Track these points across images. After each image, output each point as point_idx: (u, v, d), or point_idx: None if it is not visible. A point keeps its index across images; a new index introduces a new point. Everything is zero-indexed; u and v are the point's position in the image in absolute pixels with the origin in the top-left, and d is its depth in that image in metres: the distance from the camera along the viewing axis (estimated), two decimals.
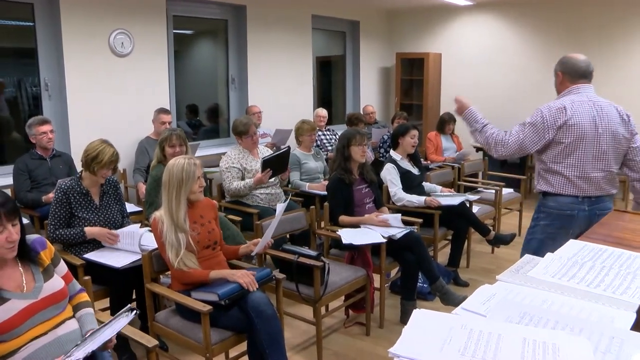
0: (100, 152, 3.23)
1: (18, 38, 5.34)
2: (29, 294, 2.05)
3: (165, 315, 2.85)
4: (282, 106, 6.97)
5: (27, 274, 2.10)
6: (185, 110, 6.70)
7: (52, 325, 2.09)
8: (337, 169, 3.87)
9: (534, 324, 1.38)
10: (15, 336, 1.98)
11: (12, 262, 2.08)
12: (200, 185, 2.82)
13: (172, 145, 3.81)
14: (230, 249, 3.06)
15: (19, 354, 1.98)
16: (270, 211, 4.23)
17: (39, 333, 2.03)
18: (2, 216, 1.95)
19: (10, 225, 1.98)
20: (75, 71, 5.02)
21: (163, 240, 2.72)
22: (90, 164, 3.24)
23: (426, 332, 1.33)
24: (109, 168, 3.28)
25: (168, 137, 3.82)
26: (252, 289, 2.63)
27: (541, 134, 2.82)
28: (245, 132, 4.42)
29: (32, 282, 2.09)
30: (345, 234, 3.59)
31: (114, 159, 3.28)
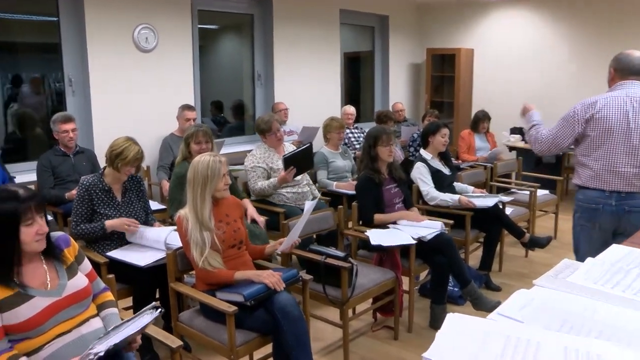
0: (125, 149, 3.27)
1: (42, 33, 5.45)
2: (53, 291, 2.08)
3: (189, 316, 2.88)
4: (309, 103, 6.97)
5: (51, 271, 2.13)
6: (210, 106, 6.75)
7: (76, 323, 2.12)
8: (365, 169, 3.85)
9: (575, 332, 1.34)
10: (39, 333, 2.01)
11: (36, 259, 2.11)
12: (225, 183, 2.83)
13: (198, 142, 3.83)
14: (256, 249, 3.07)
15: (43, 351, 2.01)
16: (297, 210, 4.24)
17: (63, 331, 2.07)
18: (32, 209, 2.00)
19: (39, 217, 2.04)
20: (99, 67, 5.09)
21: (188, 238, 2.74)
22: (115, 160, 3.28)
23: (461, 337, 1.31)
24: (133, 166, 3.32)
25: (194, 134, 3.84)
26: (278, 289, 2.63)
27: (571, 128, 2.97)
28: (268, 130, 4.43)
29: (56, 280, 2.12)
30: (374, 234, 3.57)
31: (139, 157, 3.31)
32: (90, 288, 2.23)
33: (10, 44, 5.37)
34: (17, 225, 1.98)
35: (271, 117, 4.48)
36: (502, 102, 7.90)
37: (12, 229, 1.98)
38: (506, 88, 7.97)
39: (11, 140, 5.41)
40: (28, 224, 2.00)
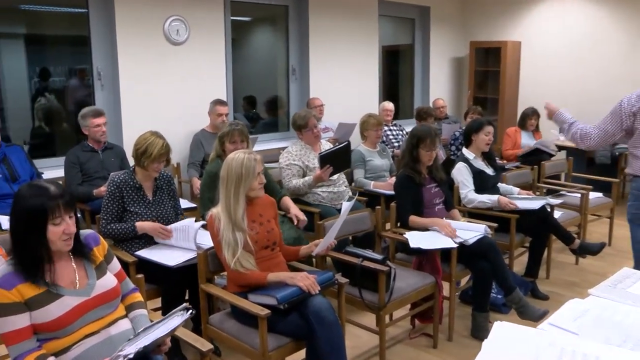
0: (149, 146, 3.31)
1: (70, 25, 5.56)
2: (82, 290, 2.12)
3: (220, 318, 2.90)
4: (346, 99, 6.96)
5: (80, 270, 2.17)
6: (243, 102, 6.80)
7: (104, 324, 2.15)
8: (405, 167, 3.82)
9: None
10: (67, 333, 2.05)
11: (65, 258, 2.15)
12: (260, 182, 2.85)
13: (234, 142, 3.83)
14: (290, 250, 3.08)
15: (72, 352, 2.05)
16: (333, 211, 4.24)
17: (91, 331, 2.11)
18: (60, 208, 2.03)
19: (68, 217, 2.06)
20: (128, 60, 5.18)
21: (219, 239, 2.76)
22: (140, 158, 3.33)
23: (509, 347, 1.28)
24: (160, 161, 3.35)
25: (229, 133, 3.84)
26: (313, 293, 2.63)
27: (619, 122, 3.19)
28: (304, 126, 4.44)
29: (85, 279, 2.16)
30: (413, 237, 3.54)
31: (164, 151, 3.34)
32: (119, 288, 2.26)
33: (39, 36, 5.51)
34: (45, 223, 2.01)
35: (308, 113, 4.50)
36: (552, 99, 7.70)
37: (40, 226, 2.01)
38: (557, 84, 7.81)
39: (38, 135, 5.55)
40: (56, 223, 2.03)
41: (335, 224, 2.98)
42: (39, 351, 2.01)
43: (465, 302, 4.13)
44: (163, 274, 3.12)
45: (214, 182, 2.99)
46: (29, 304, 2.00)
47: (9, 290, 1.98)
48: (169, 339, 2.20)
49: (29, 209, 2.02)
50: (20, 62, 5.35)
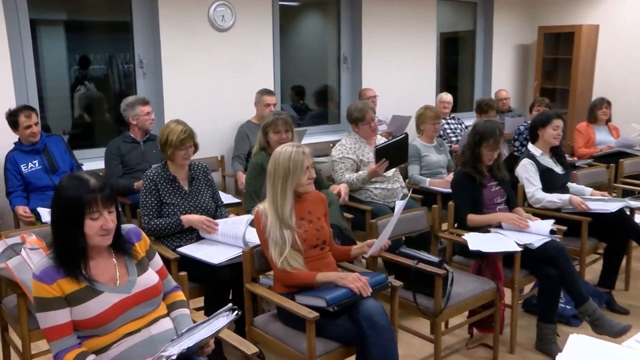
0: (169, 134, 3.39)
1: (112, 11, 5.69)
2: (122, 287, 2.17)
3: (265, 320, 2.93)
4: (400, 90, 6.92)
5: (121, 266, 2.22)
6: (291, 92, 6.85)
7: (146, 322, 2.20)
8: (465, 165, 3.78)
9: None
10: (107, 331, 2.11)
11: (106, 253, 2.21)
12: (309, 177, 2.86)
13: (277, 132, 3.88)
14: (340, 250, 3.08)
15: (112, 351, 2.11)
16: (385, 209, 4.23)
17: (132, 330, 2.15)
18: (98, 202, 2.07)
19: (107, 212, 2.10)
20: (171, 47, 5.28)
21: (266, 236, 2.79)
22: (165, 149, 3.41)
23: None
24: (183, 148, 3.40)
25: (273, 122, 3.89)
26: (364, 295, 2.63)
27: None
28: (361, 119, 4.44)
29: (126, 276, 2.21)
30: (473, 238, 3.50)
31: (184, 136, 3.39)
32: (161, 286, 2.31)
33: (79, 22, 5.66)
34: (82, 216, 2.06)
35: (366, 105, 4.50)
36: (635, 90, 7.51)
37: (77, 220, 2.07)
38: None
39: (78, 125, 5.71)
40: (93, 217, 2.07)
41: (389, 223, 2.97)
42: (80, 348, 2.07)
43: (529, 311, 4.05)
44: (206, 272, 3.18)
45: (259, 174, 3.03)
46: (69, 299, 2.06)
47: (50, 284, 2.04)
48: (212, 341, 2.23)
49: (67, 202, 2.07)
50: (60, 50, 5.51)
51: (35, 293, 2.06)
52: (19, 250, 2.80)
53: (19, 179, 4.21)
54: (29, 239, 2.84)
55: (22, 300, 2.76)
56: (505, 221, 3.66)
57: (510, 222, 3.64)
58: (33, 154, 4.29)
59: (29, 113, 4.20)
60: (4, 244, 2.87)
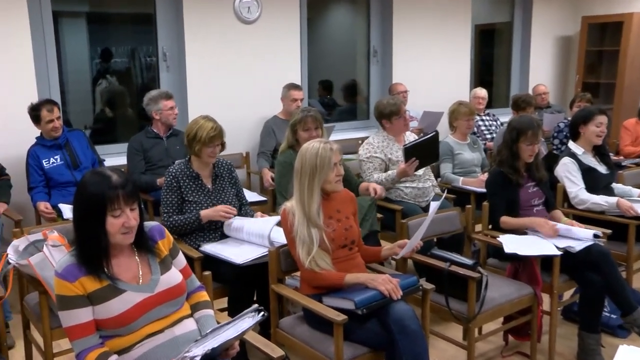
0: (198, 129, 3.42)
1: (134, 2, 5.76)
2: (145, 286, 2.20)
3: (291, 322, 2.94)
4: (432, 85, 6.89)
5: (144, 264, 2.25)
6: (318, 86, 6.87)
7: (169, 323, 2.22)
8: (502, 164, 3.75)
9: None
10: (130, 331, 2.14)
11: (128, 251, 2.24)
12: (337, 174, 2.87)
13: (307, 129, 3.89)
14: (370, 251, 3.08)
15: (134, 351, 2.14)
16: (416, 209, 4.22)
17: (155, 330, 2.18)
18: (120, 199, 2.10)
19: (129, 209, 2.13)
20: (196, 40, 5.32)
21: (293, 235, 2.80)
22: (192, 145, 3.44)
23: None
24: (212, 146, 3.43)
25: (302, 120, 3.90)
26: (395, 298, 2.63)
27: None
28: (396, 112, 4.40)
29: (149, 274, 2.24)
30: (509, 241, 3.47)
31: (214, 134, 3.41)
32: (185, 285, 2.33)
33: (101, 14, 5.73)
34: (104, 213, 2.09)
35: (398, 100, 4.48)
36: None
37: (99, 217, 2.09)
38: None
39: (100, 119, 5.79)
40: (115, 215, 2.10)
41: (423, 224, 2.95)
42: (102, 348, 2.10)
43: (570, 319, 4.00)
44: (230, 272, 3.20)
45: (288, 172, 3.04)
46: (91, 298, 2.09)
47: (72, 282, 2.07)
48: (237, 343, 2.25)
49: (89, 198, 2.11)
50: (82, 42, 5.60)
51: (58, 291, 2.10)
52: (41, 247, 2.85)
53: (41, 174, 4.30)
54: (51, 236, 2.89)
55: (43, 297, 2.81)
56: (536, 228, 3.57)
57: (540, 229, 3.54)
58: (55, 149, 4.37)
59: (51, 107, 4.28)
60: (26, 240, 2.93)
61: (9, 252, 2.90)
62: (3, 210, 4.09)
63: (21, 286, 3.20)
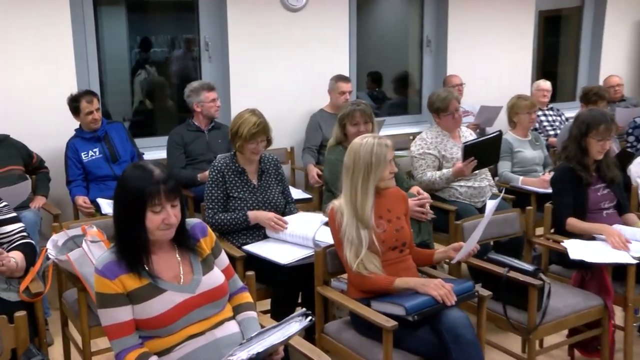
0: (241, 125, 3.46)
1: None
2: (186, 286, 2.23)
3: (337, 327, 2.96)
4: (491, 77, 6.82)
5: (185, 263, 2.29)
6: (367, 78, 6.86)
7: (210, 325, 2.26)
8: (569, 160, 3.70)
9: None
10: (170, 332, 2.18)
11: (169, 249, 2.28)
12: (391, 171, 2.87)
13: (355, 124, 3.90)
14: (422, 253, 3.08)
15: (175, 353, 2.18)
16: (472, 209, 4.19)
17: (196, 332, 2.22)
18: (161, 194, 2.13)
19: (169, 205, 2.16)
20: (240, 28, 5.38)
21: (341, 235, 2.81)
22: (234, 141, 3.50)
23: None
24: (254, 142, 3.46)
25: (350, 114, 3.92)
26: (448, 304, 2.62)
27: None
28: (443, 109, 4.40)
29: (190, 274, 2.27)
30: (574, 246, 3.42)
31: (256, 130, 3.44)
32: (227, 286, 2.37)
33: (141, 2, 5.84)
34: (144, 209, 2.13)
35: (450, 94, 4.45)
36: None
37: (139, 212, 2.13)
38: None
39: (139, 112, 5.90)
40: (155, 210, 2.14)
41: (479, 226, 2.94)
42: (142, 349, 2.15)
43: None
44: (274, 273, 3.24)
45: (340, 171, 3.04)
46: (131, 296, 2.14)
47: (112, 280, 2.12)
48: (282, 348, 2.26)
49: (129, 193, 2.15)
50: (121, 31, 5.71)
51: (97, 288, 2.15)
52: (80, 243, 2.94)
53: (79, 167, 4.42)
54: (90, 231, 2.98)
55: (82, 295, 2.89)
56: (605, 236, 3.47)
57: (608, 238, 3.44)
58: (94, 142, 4.48)
59: (90, 98, 4.39)
60: (65, 235, 3.02)
61: (48, 247, 2.99)
62: (42, 204, 4.22)
63: (60, 282, 3.31)
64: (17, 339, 2.39)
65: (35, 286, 2.82)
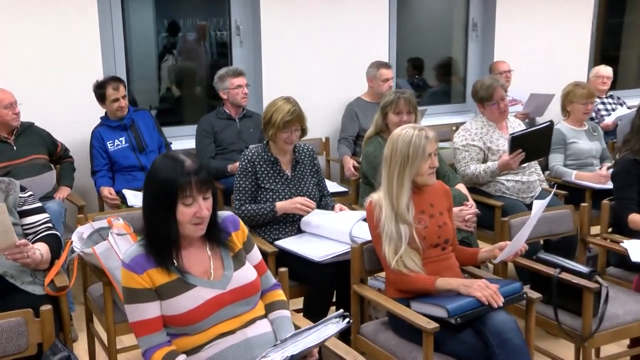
0: (274, 112, 3.48)
1: None
2: (217, 282, 2.26)
3: (374, 328, 2.97)
4: (542, 62, 6.74)
5: (216, 258, 2.31)
6: (407, 65, 6.83)
7: (241, 323, 2.28)
8: (634, 151, 3.66)
9: None
10: (199, 330, 2.21)
11: (199, 243, 2.31)
12: (431, 166, 2.86)
13: (399, 113, 3.89)
14: (465, 252, 3.08)
15: (204, 352, 2.20)
16: (519, 205, 4.17)
17: (226, 330, 2.24)
18: (192, 186, 2.15)
19: (201, 198, 2.19)
20: (273, 11, 5.39)
21: (379, 230, 2.82)
22: (267, 129, 3.52)
23: None
24: (287, 131, 3.48)
25: (394, 102, 3.89)
26: (494, 306, 2.60)
27: None
28: (488, 98, 4.37)
29: (221, 269, 2.30)
30: (636, 247, 3.37)
31: (290, 118, 3.45)
32: (259, 283, 2.39)
33: None
34: (175, 201, 2.15)
35: (495, 82, 4.42)
36: None
37: (170, 205, 2.16)
38: None
39: (166, 99, 5.95)
40: (186, 203, 2.16)
41: (527, 223, 2.92)
42: (169, 347, 2.18)
43: None
44: (308, 269, 3.26)
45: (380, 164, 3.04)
46: (159, 292, 2.17)
47: (140, 274, 2.16)
48: (316, 350, 2.28)
49: (159, 184, 2.17)
50: (148, 15, 5.73)
51: (124, 283, 2.19)
52: (106, 235, 2.99)
53: (105, 157, 4.49)
54: (116, 224, 3.03)
55: (107, 289, 2.94)
56: None
57: None
58: (120, 130, 4.55)
59: (116, 85, 4.45)
60: (91, 227, 3.08)
61: (73, 239, 3.05)
62: (67, 195, 4.30)
63: (84, 276, 3.37)
64: (43, 334, 2.44)
65: (60, 280, 2.88)
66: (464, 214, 3.72)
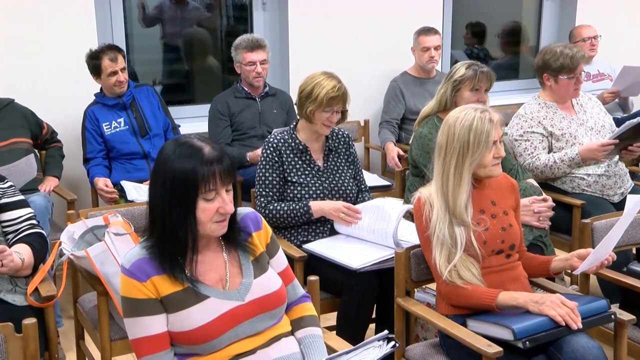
0: (316, 86, 3.47)
1: None
2: (233, 292, 2.26)
3: (423, 351, 2.95)
4: (636, 28, 6.68)
5: (233, 264, 2.32)
6: (465, 32, 6.82)
7: (263, 341, 2.29)
8: None
9: None
10: (213, 350, 2.21)
11: (214, 245, 2.32)
12: (496, 156, 2.84)
13: (477, 90, 3.85)
14: (536, 260, 3.06)
15: None
16: (604, 205, 4.14)
17: (245, 350, 2.25)
18: (216, 177, 2.14)
19: (224, 190, 2.18)
20: None
21: (429, 233, 2.81)
22: (304, 105, 3.50)
23: None
24: (329, 109, 3.48)
25: (474, 77, 3.83)
26: (573, 327, 2.58)
27: None
28: (568, 70, 4.25)
29: (238, 277, 2.31)
30: None
31: (336, 94, 3.46)
32: (285, 293, 2.39)
33: None
34: (195, 196, 2.14)
35: (580, 51, 4.33)
36: None
37: (187, 200, 2.14)
38: None
39: (173, 73, 5.97)
40: (208, 198, 2.15)
41: (615, 227, 2.89)
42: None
43: None
44: (343, 279, 3.26)
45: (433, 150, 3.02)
46: (166, 303, 2.18)
47: (143, 282, 2.16)
48: None
49: (175, 176, 2.14)
50: None
51: (124, 292, 2.19)
52: (101, 235, 2.99)
53: (100, 142, 4.51)
54: (114, 221, 3.04)
55: (103, 300, 2.94)
56: None
57: None
58: (118, 110, 4.57)
59: (114, 55, 4.44)
60: (84, 225, 3.09)
61: (62, 240, 3.06)
62: (54, 187, 4.30)
63: (75, 284, 3.37)
64: (26, 352, 2.44)
65: (46, 288, 2.88)
66: (535, 206, 3.70)
